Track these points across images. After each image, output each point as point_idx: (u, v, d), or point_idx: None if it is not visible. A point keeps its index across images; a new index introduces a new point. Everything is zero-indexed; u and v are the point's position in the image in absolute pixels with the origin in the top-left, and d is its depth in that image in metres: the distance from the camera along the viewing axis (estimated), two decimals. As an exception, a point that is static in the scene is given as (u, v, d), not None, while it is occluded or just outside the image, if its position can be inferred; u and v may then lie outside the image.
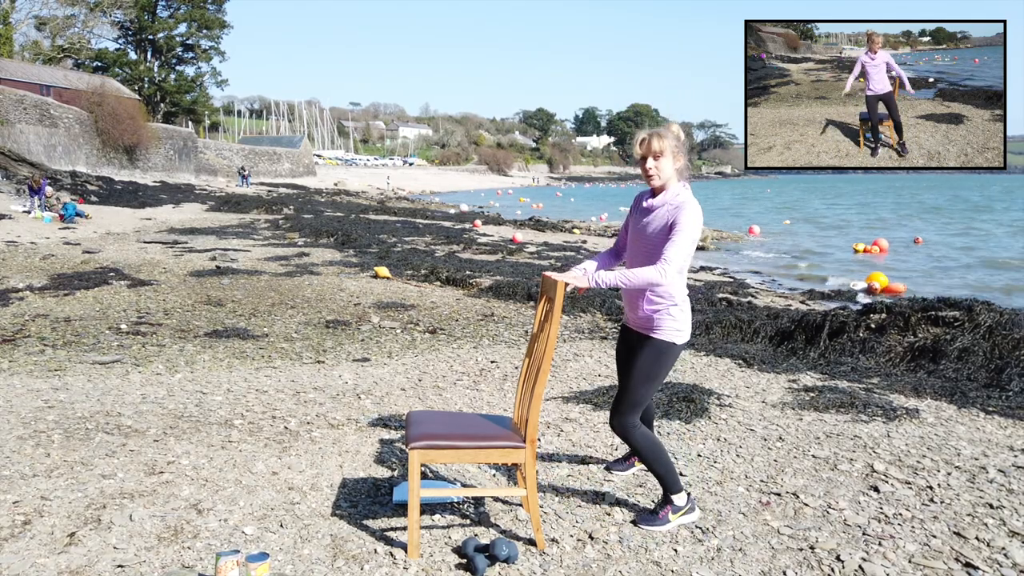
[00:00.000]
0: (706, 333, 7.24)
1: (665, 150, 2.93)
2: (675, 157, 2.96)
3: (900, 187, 78.25)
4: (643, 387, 3.00)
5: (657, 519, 3.07)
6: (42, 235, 15.55)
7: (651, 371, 2.99)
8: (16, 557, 2.75)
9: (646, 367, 2.99)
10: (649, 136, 2.97)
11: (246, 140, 67.12)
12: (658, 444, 3.08)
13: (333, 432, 4.25)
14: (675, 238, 2.86)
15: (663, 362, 3.00)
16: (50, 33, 47.42)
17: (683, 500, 3.09)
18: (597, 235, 21.12)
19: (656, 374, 3.01)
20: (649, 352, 3.00)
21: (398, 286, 10.28)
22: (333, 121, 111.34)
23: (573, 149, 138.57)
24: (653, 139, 2.95)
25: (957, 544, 2.98)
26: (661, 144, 2.93)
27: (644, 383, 3.00)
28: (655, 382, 3.03)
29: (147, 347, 6.45)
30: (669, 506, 3.07)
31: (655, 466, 3.05)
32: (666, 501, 3.08)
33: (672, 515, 3.07)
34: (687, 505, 3.10)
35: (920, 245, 21.12)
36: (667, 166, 2.95)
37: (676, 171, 2.99)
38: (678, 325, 2.99)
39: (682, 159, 2.99)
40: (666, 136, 2.95)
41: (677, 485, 3.08)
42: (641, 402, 3.02)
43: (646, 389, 3.01)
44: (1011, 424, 4.54)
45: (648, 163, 2.96)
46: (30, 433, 4.08)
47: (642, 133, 3.00)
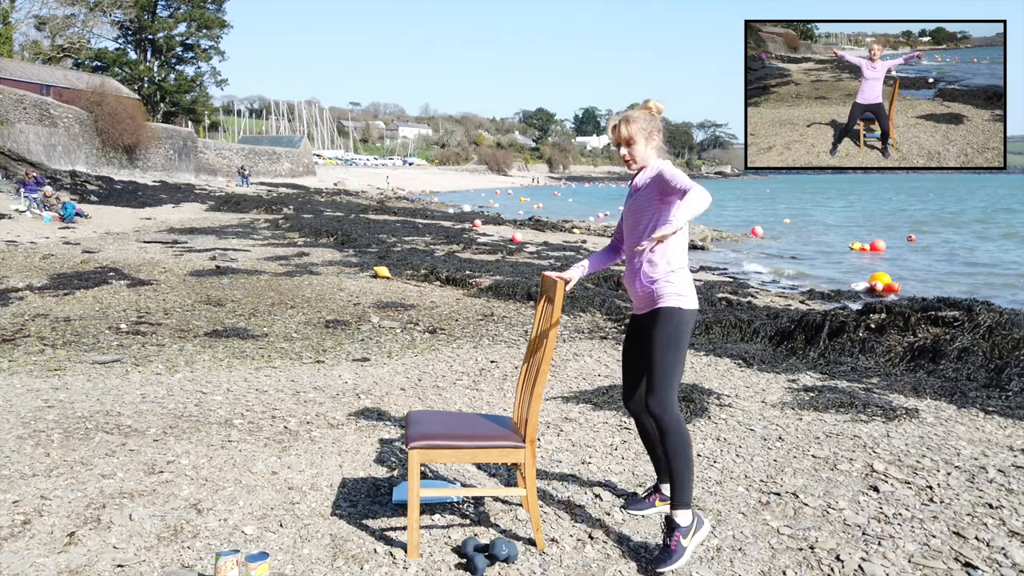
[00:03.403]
0: (706, 333, 7.24)
1: (634, 134, 2.91)
2: (648, 138, 2.93)
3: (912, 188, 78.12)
4: (667, 359, 2.85)
5: (671, 554, 2.77)
6: (42, 235, 15.55)
7: (669, 341, 2.85)
8: (16, 557, 2.75)
9: (663, 339, 2.85)
10: (618, 123, 2.95)
11: (246, 140, 67.11)
12: (688, 439, 2.87)
13: (333, 432, 4.25)
14: (674, 182, 2.77)
15: (678, 328, 2.86)
16: (50, 33, 47.38)
17: (688, 519, 2.83)
18: (597, 235, 21.12)
19: (675, 342, 2.86)
20: (660, 325, 2.87)
21: (398, 286, 10.28)
22: (333, 121, 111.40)
23: (573, 149, 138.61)
24: (621, 125, 2.93)
25: (957, 544, 2.98)
26: (628, 130, 2.91)
27: (666, 355, 2.85)
28: (678, 352, 2.87)
29: (147, 347, 6.45)
30: (677, 532, 2.80)
31: (677, 460, 2.82)
32: (671, 528, 2.81)
33: (684, 539, 2.79)
34: (694, 522, 2.85)
35: (913, 243, 21.18)
36: (640, 150, 2.93)
37: (654, 150, 2.96)
38: (679, 290, 2.89)
39: (656, 137, 2.95)
40: (634, 120, 2.91)
41: (687, 495, 2.84)
42: (671, 376, 2.85)
43: (672, 360, 2.85)
44: (1011, 424, 4.54)
45: (622, 151, 2.96)
46: (30, 433, 4.08)
47: (612, 119, 2.99)
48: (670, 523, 2.82)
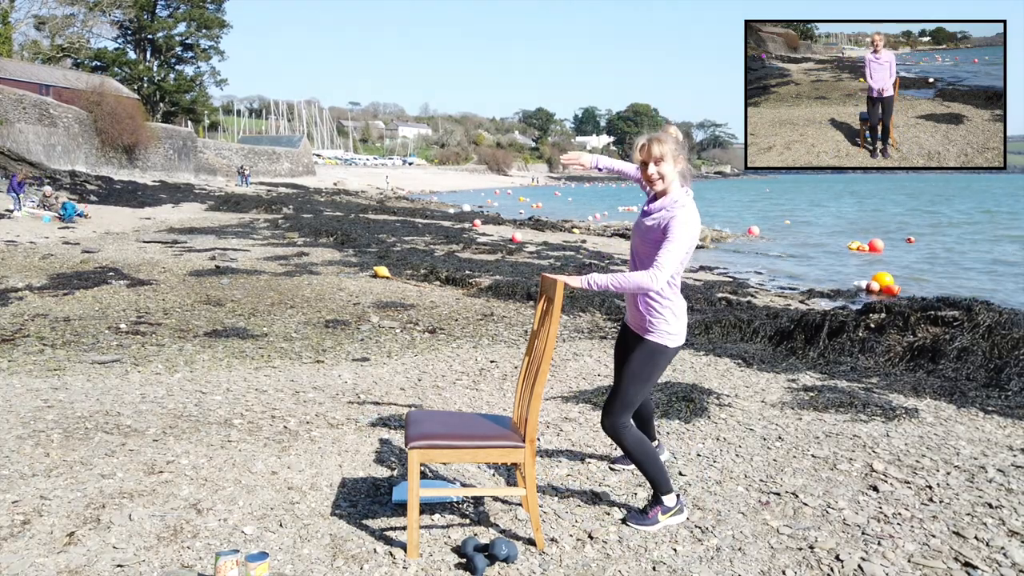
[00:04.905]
0: (706, 333, 7.24)
1: (666, 155, 2.95)
2: (675, 160, 2.98)
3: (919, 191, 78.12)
4: (634, 387, 3.05)
5: (647, 518, 3.11)
6: (41, 235, 15.55)
7: (642, 372, 3.04)
8: (15, 557, 2.75)
9: (638, 367, 3.04)
10: (649, 141, 2.98)
11: (245, 140, 67.10)
12: (648, 446, 3.11)
13: (332, 432, 4.25)
14: (667, 245, 2.87)
15: (655, 363, 3.05)
16: (49, 32, 47.35)
17: (673, 501, 3.13)
18: (596, 235, 21.13)
19: (647, 375, 3.05)
20: (641, 353, 3.04)
21: (397, 286, 10.28)
22: (332, 121, 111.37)
23: (573, 149, 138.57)
24: (653, 144, 2.96)
25: (956, 543, 2.98)
26: (661, 149, 2.94)
27: (635, 383, 3.04)
28: (646, 383, 3.07)
29: (146, 347, 6.45)
30: (659, 506, 3.11)
31: (646, 467, 3.09)
32: (656, 501, 3.12)
33: (661, 515, 3.11)
34: (676, 506, 3.14)
35: (912, 244, 21.17)
36: (668, 170, 2.97)
37: (678, 174, 3.00)
38: (670, 328, 3.02)
39: (682, 161, 3.01)
40: (666, 140, 2.96)
41: (667, 486, 3.11)
42: (631, 403, 3.06)
43: (636, 390, 3.05)
44: (1010, 424, 4.54)
45: (650, 168, 2.98)
46: (29, 433, 4.08)
47: (642, 138, 3.02)
48: (656, 497, 3.13)
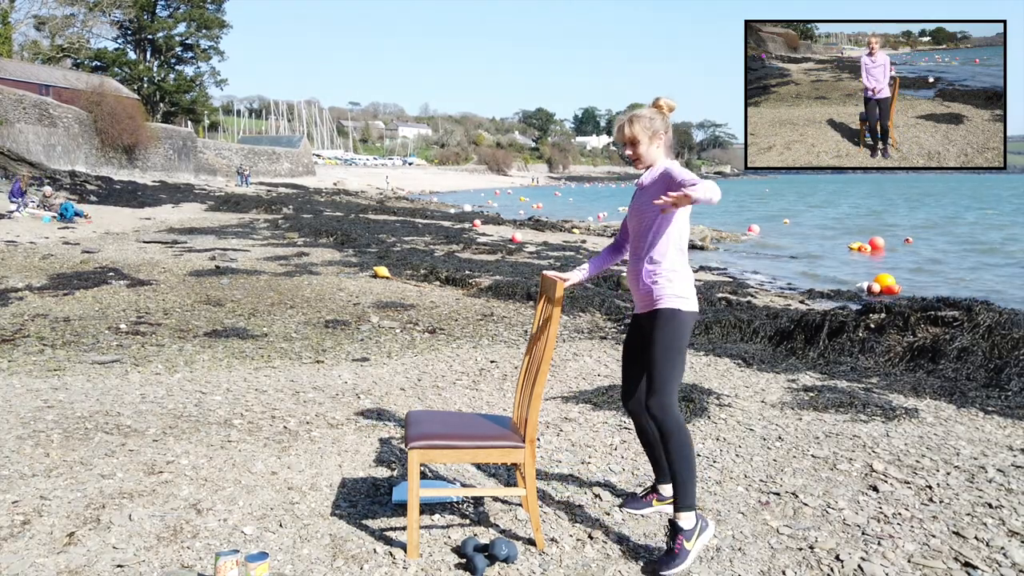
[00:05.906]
0: (705, 333, 7.24)
1: (638, 134, 2.92)
2: (652, 137, 2.93)
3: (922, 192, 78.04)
4: (666, 360, 2.86)
5: (676, 556, 2.74)
6: (41, 235, 15.54)
7: (668, 342, 2.86)
8: (15, 557, 2.75)
9: (662, 340, 2.86)
10: (621, 124, 2.97)
11: (245, 140, 67.12)
12: (690, 441, 2.85)
13: (332, 432, 4.25)
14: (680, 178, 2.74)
15: (676, 331, 2.87)
16: (49, 33, 47.36)
17: (691, 521, 2.79)
18: (596, 235, 21.12)
19: (674, 344, 2.85)
20: (659, 325, 2.89)
21: (397, 286, 10.28)
22: (332, 121, 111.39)
23: (572, 149, 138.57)
24: (625, 126, 2.95)
25: (956, 544, 2.98)
26: (632, 130, 2.93)
27: (665, 356, 2.86)
28: (677, 354, 2.87)
29: (146, 347, 6.45)
30: (680, 536, 2.77)
31: (678, 462, 2.80)
32: (674, 531, 2.79)
33: (687, 543, 2.77)
34: (698, 524, 2.82)
35: (910, 245, 21.18)
36: (644, 149, 2.94)
37: (660, 149, 2.96)
38: (679, 291, 2.89)
39: (662, 136, 2.94)
40: (637, 120, 2.93)
41: (691, 498, 2.80)
42: (671, 378, 2.86)
43: (671, 362, 2.86)
44: (1010, 424, 4.54)
45: (627, 150, 2.98)
46: (29, 433, 4.08)
47: (618, 121, 3.00)
48: (674, 526, 2.80)
